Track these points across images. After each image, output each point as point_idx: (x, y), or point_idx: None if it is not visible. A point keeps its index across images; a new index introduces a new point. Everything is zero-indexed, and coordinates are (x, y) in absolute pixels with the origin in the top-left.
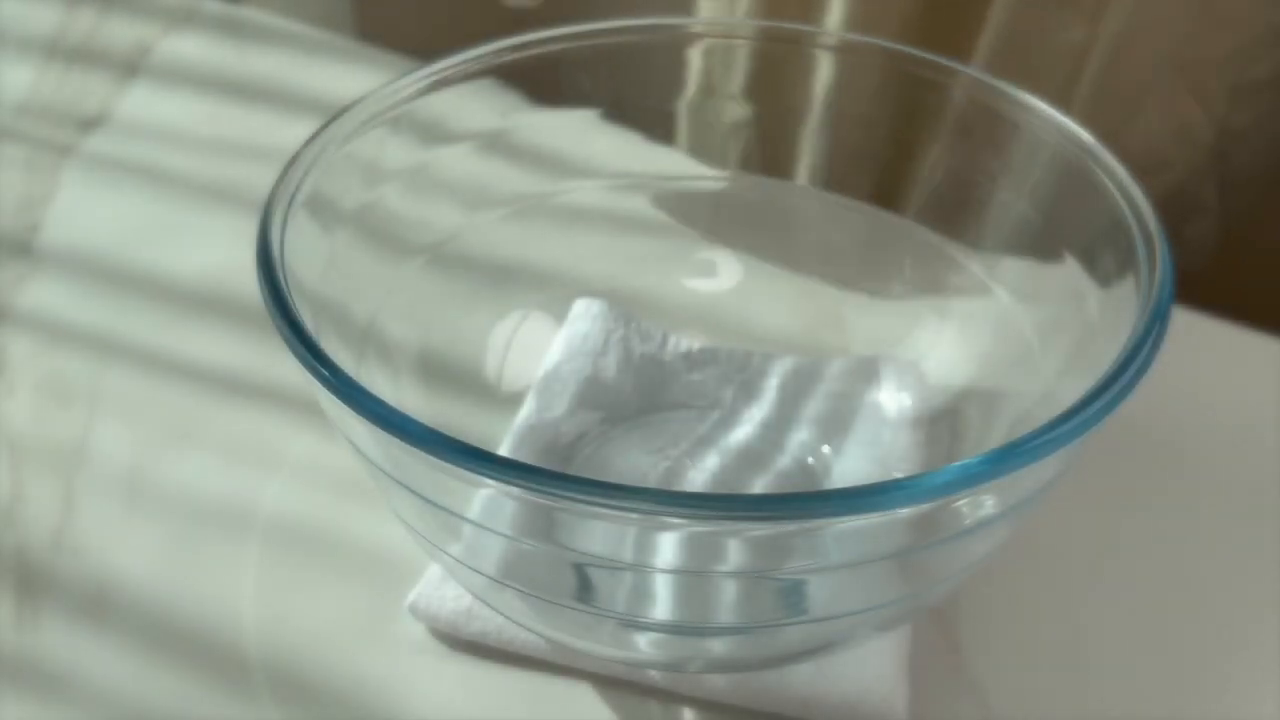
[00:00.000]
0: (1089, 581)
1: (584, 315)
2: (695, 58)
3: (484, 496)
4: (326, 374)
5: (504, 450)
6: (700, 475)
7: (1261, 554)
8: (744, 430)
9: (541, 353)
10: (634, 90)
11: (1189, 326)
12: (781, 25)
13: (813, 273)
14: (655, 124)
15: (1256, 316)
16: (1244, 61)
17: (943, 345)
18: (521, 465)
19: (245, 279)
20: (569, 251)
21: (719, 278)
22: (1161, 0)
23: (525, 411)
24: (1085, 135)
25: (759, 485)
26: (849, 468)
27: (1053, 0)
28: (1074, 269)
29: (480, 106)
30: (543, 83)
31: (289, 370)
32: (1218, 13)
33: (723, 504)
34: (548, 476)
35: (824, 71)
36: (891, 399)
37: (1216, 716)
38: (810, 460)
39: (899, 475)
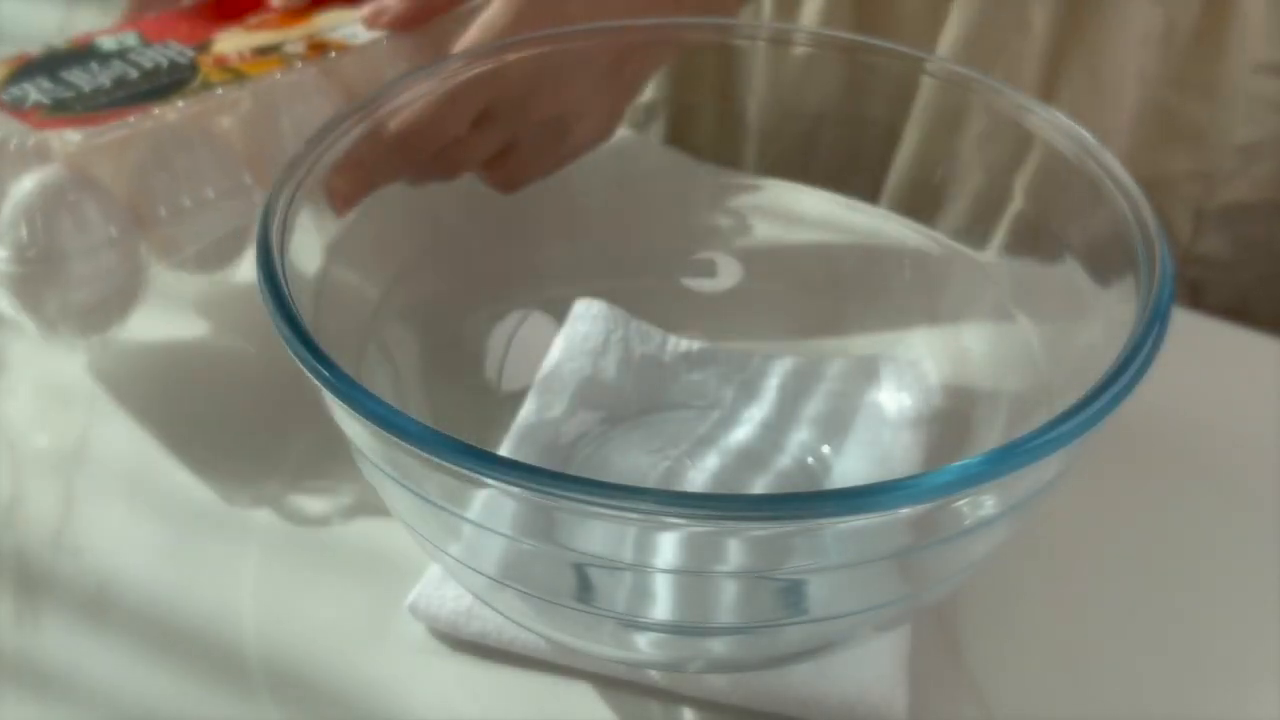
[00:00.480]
0: (1089, 581)
1: (584, 315)
2: (699, 59)
3: (484, 496)
4: (326, 374)
5: (504, 450)
6: (700, 475)
7: (1262, 553)
8: (744, 430)
9: (541, 353)
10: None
11: (1189, 326)
12: (784, 27)
13: (812, 273)
14: (656, 124)
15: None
16: (1210, 183)
17: (943, 345)
18: (521, 465)
19: (245, 278)
20: (569, 251)
21: (719, 278)
22: (1115, 106)
23: (525, 411)
24: (1086, 135)
25: (759, 485)
26: (849, 468)
27: None
28: (1074, 269)
29: None
30: None
31: (289, 370)
32: (1178, 128)
33: (723, 504)
34: (548, 476)
35: (826, 72)
36: (891, 399)
37: (1216, 716)
38: (810, 460)
39: (899, 475)
